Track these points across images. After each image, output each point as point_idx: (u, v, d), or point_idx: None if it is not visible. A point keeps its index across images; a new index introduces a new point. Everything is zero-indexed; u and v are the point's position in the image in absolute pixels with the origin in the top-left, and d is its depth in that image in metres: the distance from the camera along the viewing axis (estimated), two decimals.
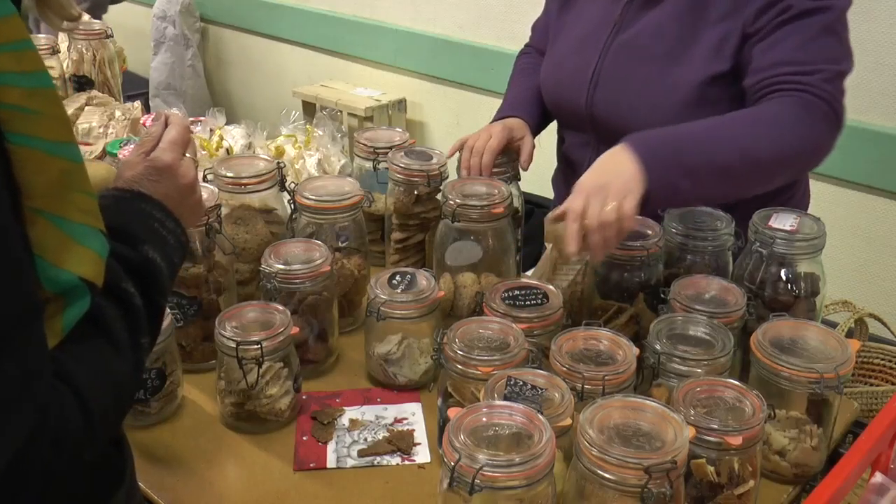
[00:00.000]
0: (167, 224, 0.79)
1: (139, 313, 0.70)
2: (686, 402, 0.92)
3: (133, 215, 0.77)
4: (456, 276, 1.32)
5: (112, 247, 0.68)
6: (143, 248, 0.74)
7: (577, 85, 1.36)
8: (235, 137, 1.85)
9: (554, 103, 1.45)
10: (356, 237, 1.38)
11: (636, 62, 1.30)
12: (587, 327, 1.06)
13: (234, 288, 1.33)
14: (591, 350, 1.02)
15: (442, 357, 1.03)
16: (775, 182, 1.20)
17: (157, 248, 0.75)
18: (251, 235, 1.35)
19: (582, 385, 0.96)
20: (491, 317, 1.10)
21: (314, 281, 1.22)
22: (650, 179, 1.07)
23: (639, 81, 1.30)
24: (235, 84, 3.80)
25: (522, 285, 1.17)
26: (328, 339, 1.28)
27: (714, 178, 1.12)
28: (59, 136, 0.61)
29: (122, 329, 0.68)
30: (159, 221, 0.78)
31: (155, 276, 0.74)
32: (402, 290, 1.19)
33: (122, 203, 0.78)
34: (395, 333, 1.22)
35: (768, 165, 1.15)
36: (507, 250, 1.34)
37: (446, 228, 1.32)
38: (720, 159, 1.12)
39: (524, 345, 1.03)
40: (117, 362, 0.67)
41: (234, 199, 1.38)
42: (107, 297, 0.68)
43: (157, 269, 0.75)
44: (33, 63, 0.60)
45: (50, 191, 0.61)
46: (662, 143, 1.12)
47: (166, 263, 0.76)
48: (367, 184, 1.50)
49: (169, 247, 0.78)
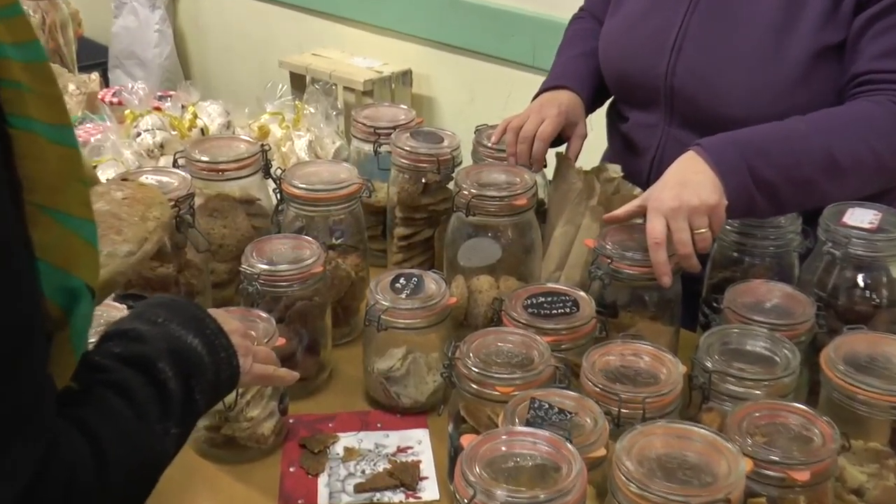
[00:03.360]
0: (221, 340, 0.85)
1: (172, 398, 0.75)
2: (742, 429, 0.92)
3: (188, 312, 0.84)
4: (470, 280, 1.32)
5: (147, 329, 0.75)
6: (189, 336, 0.80)
7: (653, 51, 1.31)
8: (212, 115, 1.86)
9: (619, 75, 1.40)
10: (353, 233, 1.38)
11: (731, 25, 1.24)
12: (625, 340, 1.08)
13: (209, 291, 1.34)
14: (629, 367, 1.02)
15: (453, 374, 1.03)
16: (870, 191, 1.20)
17: (205, 346, 0.82)
18: (229, 230, 1.36)
19: (618, 409, 0.96)
20: (511, 327, 1.11)
21: (304, 284, 1.22)
22: (727, 192, 1.10)
23: (733, 49, 1.24)
24: (211, 53, 3.81)
25: (548, 290, 1.17)
26: (320, 352, 1.28)
27: (800, 192, 1.14)
28: (58, 118, 0.63)
29: (151, 405, 0.73)
30: (213, 332, 0.84)
31: (197, 365, 0.80)
32: (407, 295, 1.20)
33: (179, 304, 0.85)
34: (398, 346, 1.22)
35: (868, 176, 1.17)
36: (531, 249, 1.34)
37: (459, 223, 1.32)
38: (808, 171, 1.13)
39: (550, 361, 1.04)
40: (140, 430, 0.71)
41: (210, 188, 1.38)
42: (138, 370, 0.73)
43: (199, 361, 0.81)
44: (25, 31, 0.61)
45: (51, 182, 0.62)
46: (741, 150, 1.12)
47: (213, 368, 0.82)
48: (367, 170, 1.50)
49: (220, 360, 0.84)
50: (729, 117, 1.23)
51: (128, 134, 1.81)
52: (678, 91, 1.30)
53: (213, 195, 1.38)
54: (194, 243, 1.28)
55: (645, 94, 1.36)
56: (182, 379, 0.77)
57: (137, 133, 1.78)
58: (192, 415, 0.80)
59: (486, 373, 1.01)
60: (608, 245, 1.19)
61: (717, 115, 1.24)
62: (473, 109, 2.94)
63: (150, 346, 0.76)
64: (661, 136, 1.36)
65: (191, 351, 0.80)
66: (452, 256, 1.34)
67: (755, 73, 1.23)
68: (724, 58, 1.25)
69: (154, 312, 0.81)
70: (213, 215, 1.35)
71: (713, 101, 1.24)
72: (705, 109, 1.19)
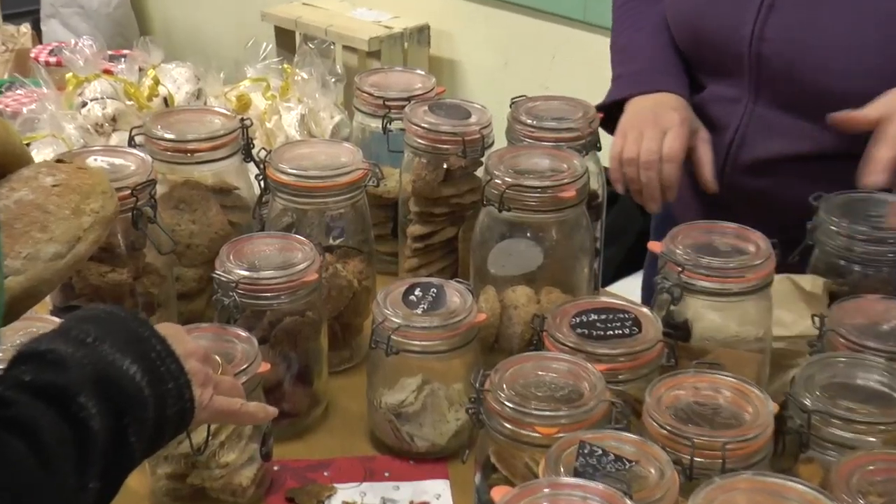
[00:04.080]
0: (169, 366, 0.85)
1: (94, 442, 0.74)
2: (852, 486, 0.92)
3: (127, 329, 0.84)
4: (504, 292, 1.33)
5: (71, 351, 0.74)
6: (125, 361, 0.80)
7: (736, 8, 1.32)
8: (178, 81, 1.87)
9: (693, 38, 1.41)
10: (356, 231, 1.38)
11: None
12: (699, 370, 1.07)
13: (174, 303, 1.35)
14: (705, 404, 1.02)
15: (482, 411, 1.03)
16: None
17: (146, 373, 0.81)
18: (200, 226, 1.37)
19: (691, 457, 0.96)
20: (555, 352, 1.11)
21: (293, 295, 1.23)
22: None
23: (838, 6, 1.25)
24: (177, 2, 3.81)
25: (603, 306, 1.18)
26: (313, 381, 1.29)
27: None
28: None
29: (63, 451, 0.72)
30: (159, 356, 0.84)
31: (133, 399, 0.80)
32: (424, 310, 1.20)
33: (116, 318, 0.85)
34: (412, 375, 1.23)
35: None
36: (581, 253, 1.34)
37: (490, 220, 1.33)
38: None
39: (604, 395, 1.04)
40: (44, 485, 0.70)
41: (176, 173, 1.39)
42: (51, 404, 0.72)
43: (137, 393, 0.80)
44: None
45: None
46: None
47: (157, 402, 0.82)
48: (374, 153, 1.51)
49: (166, 392, 0.84)
50: (836, 94, 1.23)
51: (70, 104, 1.81)
52: (768, 60, 1.31)
53: (180, 182, 1.39)
54: (155, 243, 1.29)
55: (724, 62, 1.36)
56: (111, 417, 0.76)
57: (83, 103, 1.79)
58: (123, 464, 0.78)
59: (523, 409, 1.01)
60: (678, 249, 1.19)
61: (820, 92, 1.25)
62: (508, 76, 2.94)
63: (70, 374, 0.75)
64: (744, 114, 1.37)
65: (126, 380, 0.80)
66: (481, 262, 1.34)
67: (868, 34, 1.23)
68: (826, 17, 1.25)
69: (82, 329, 0.81)
70: (179, 208, 1.36)
71: (810, 70, 1.24)
72: (803, 84, 1.18)
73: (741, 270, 1.17)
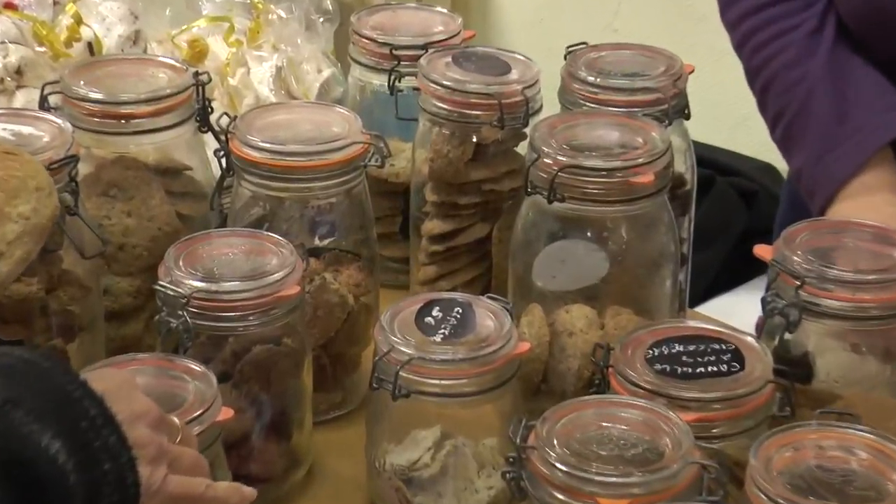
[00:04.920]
0: (107, 438, 0.84)
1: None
2: None
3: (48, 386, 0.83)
4: (556, 313, 1.33)
5: None
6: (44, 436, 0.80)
7: None
8: (108, 20, 1.86)
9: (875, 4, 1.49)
10: (352, 229, 1.39)
11: None
12: (825, 422, 1.07)
13: (101, 327, 1.35)
14: (832, 470, 1.02)
15: (525, 477, 1.04)
16: None
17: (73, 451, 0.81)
18: (138, 221, 1.37)
19: None
20: (626, 397, 1.12)
21: (266, 316, 1.24)
22: None
23: None
24: None
25: (692, 333, 1.19)
26: (292, 434, 1.29)
27: None
28: None
29: None
30: (93, 426, 0.83)
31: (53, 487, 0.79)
32: (445, 336, 1.21)
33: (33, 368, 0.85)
34: (428, 427, 1.23)
35: None
36: (661, 259, 1.36)
37: (537, 215, 1.34)
38: None
39: (692, 455, 1.04)
40: None
41: (106, 147, 1.40)
42: None
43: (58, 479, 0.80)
44: None
45: None
46: None
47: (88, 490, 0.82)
48: (377, 121, 1.51)
49: (101, 477, 0.83)
50: None
51: None
52: None
53: (111, 160, 1.39)
54: (77, 243, 1.29)
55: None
56: None
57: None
58: None
59: (581, 474, 1.00)
60: (796, 255, 1.20)
61: None
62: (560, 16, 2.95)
63: None
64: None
65: (44, 463, 0.79)
66: (524, 272, 1.35)
67: None
68: None
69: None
70: (109, 195, 1.37)
71: None
72: None
73: (884, 286, 1.18)
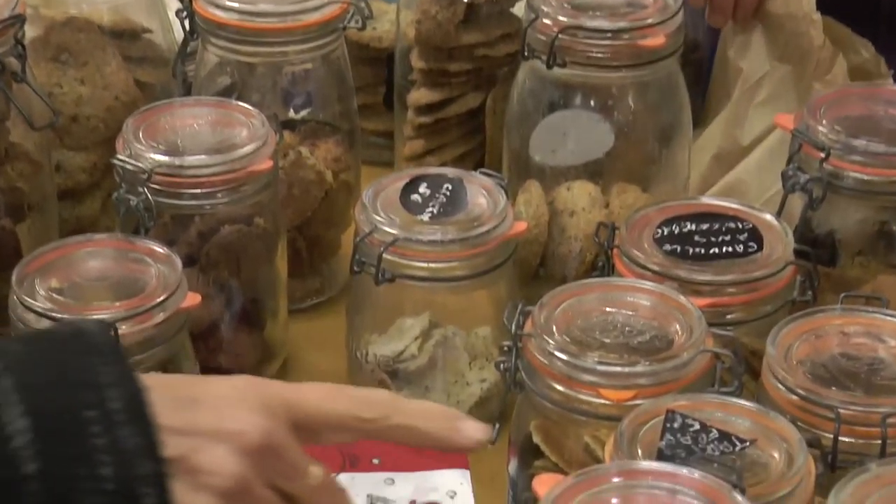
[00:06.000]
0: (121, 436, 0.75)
1: None
2: None
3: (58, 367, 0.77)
4: (556, 190, 1.32)
5: None
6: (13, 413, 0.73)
7: None
8: None
9: None
10: (330, 99, 1.38)
11: None
12: (850, 307, 1.06)
13: (54, 206, 1.34)
14: (857, 358, 1.01)
15: (521, 367, 1.02)
16: None
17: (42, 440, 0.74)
18: (92, 89, 1.35)
19: (835, 434, 0.94)
20: (632, 280, 1.11)
21: (235, 193, 1.22)
22: None
23: None
24: None
25: (704, 210, 1.17)
26: (265, 323, 1.29)
27: None
28: None
29: None
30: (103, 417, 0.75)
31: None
32: (434, 216, 1.19)
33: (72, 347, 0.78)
34: (415, 315, 1.22)
35: None
36: (672, 132, 1.34)
37: (535, 83, 1.33)
38: None
39: (705, 343, 1.02)
40: None
41: (54, 7, 1.37)
42: None
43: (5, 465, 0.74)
44: None
45: None
46: None
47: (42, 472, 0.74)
48: None
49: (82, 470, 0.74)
50: None
51: None
52: None
53: (61, 21, 1.37)
54: (25, 113, 1.27)
55: None
56: None
57: None
58: None
59: (582, 363, 0.99)
60: (822, 124, 1.19)
61: None
62: None
63: None
64: None
65: None
66: (520, 146, 1.34)
67: None
68: None
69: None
70: (60, 60, 1.36)
71: None
72: None
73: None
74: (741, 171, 1.39)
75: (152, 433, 0.74)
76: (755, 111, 1.41)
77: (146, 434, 0.74)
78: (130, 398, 0.75)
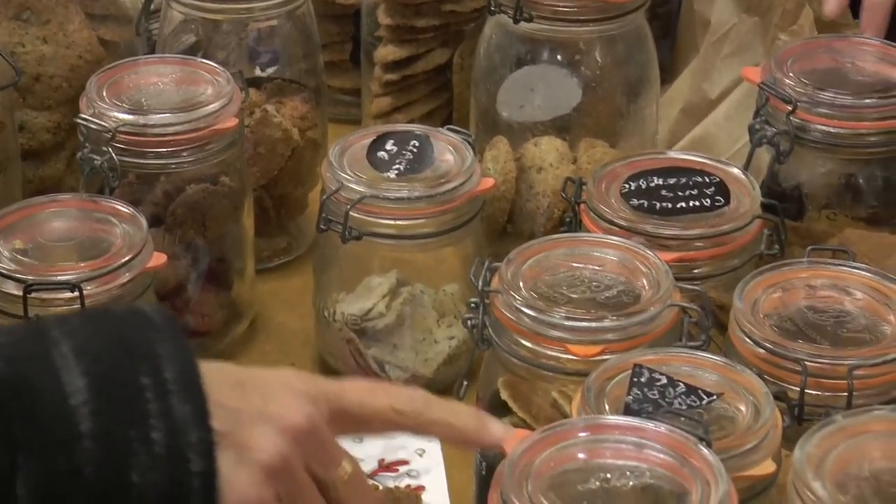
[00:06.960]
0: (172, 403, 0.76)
1: None
2: None
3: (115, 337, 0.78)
4: (523, 146, 1.33)
5: None
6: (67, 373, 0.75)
7: None
8: None
9: None
10: (296, 57, 1.39)
11: None
12: (817, 261, 1.07)
13: (18, 167, 1.34)
14: (824, 311, 1.02)
15: (488, 324, 1.03)
16: None
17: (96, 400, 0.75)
18: (55, 48, 1.36)
19: (801, 388, 0.96)
20: (599, 235, 1.11)
21: (200, 152, 1.23)
22: None
23: None
24: None
25: (671, 165, 1.18)
26: (231, 283, 1.30)
27: None
28: None
29: None
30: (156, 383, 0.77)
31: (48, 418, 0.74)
32: (400, 172, 1.20)
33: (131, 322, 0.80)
34: (382, 273, 1.23)
35: None
36: (640, 86, 1.35)
37: (501, 37, 1.34)
38: None
39: (672, 297, 1.03)
40: None
41: None
42: None
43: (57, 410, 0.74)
44: None
45: None
46: None
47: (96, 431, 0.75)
48: None
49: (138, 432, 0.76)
50: None
51: None
52: None
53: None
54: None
55: None
56: None
57: None
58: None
59: (549, 318, 0.99)
60: (788, 78, 1.19)
61: None
62: None
63: None
64: None
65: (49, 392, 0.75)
66: (488, 102, 1.35)
67: None
68: None
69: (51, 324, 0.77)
70: (21, 18, 1.35)
71: None
72: None
73: (884, 111, 1.18)
74: (709, 123, 1.40)
75: (203, 404, 0.76)
76: (723, 63, 1.41)
77: (197, 404, 0.76)
78: (184, 370, 0.77)
